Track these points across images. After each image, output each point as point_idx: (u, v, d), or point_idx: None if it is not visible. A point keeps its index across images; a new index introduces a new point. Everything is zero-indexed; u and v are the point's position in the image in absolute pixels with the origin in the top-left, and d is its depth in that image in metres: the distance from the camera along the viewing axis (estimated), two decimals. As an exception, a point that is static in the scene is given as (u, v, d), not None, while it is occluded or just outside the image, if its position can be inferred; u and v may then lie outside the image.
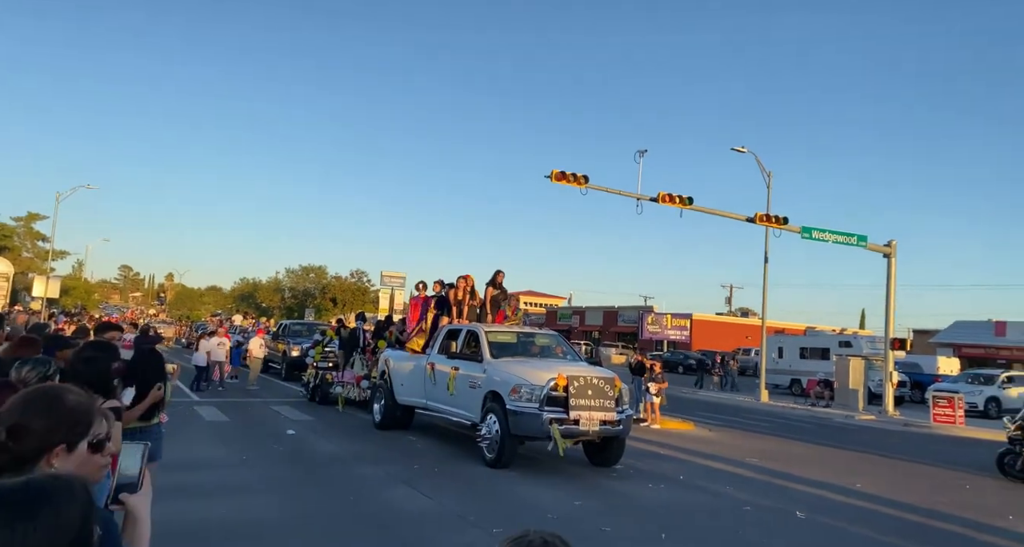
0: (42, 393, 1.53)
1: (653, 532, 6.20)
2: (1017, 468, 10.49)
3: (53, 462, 1.44)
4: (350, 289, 64.05)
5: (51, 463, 1.44)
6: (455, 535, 5.96)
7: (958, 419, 18.38)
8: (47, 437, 1.45)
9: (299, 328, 22.99)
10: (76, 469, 1.46)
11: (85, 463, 1.51)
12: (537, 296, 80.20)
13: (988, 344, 37.98)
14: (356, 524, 6.08)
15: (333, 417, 13.02)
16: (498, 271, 12.00)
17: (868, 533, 6.74)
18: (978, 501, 8.75)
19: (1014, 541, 6.79)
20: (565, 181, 18.96)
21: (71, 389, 1.59)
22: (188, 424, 11.10)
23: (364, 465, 8.67)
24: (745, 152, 25.35)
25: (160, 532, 5.75)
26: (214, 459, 8.63)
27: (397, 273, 45.44)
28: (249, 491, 7.04)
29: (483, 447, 8.95)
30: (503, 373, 9.11)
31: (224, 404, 13.99)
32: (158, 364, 5.05)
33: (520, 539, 1.10)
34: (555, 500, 7.33)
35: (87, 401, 1.56)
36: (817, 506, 7.78)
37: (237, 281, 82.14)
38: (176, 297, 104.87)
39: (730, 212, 21.84)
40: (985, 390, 23.54)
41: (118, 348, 4.79)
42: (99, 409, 1.59)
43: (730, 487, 8.63)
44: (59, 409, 1.49)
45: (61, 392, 1.54)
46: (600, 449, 9.33)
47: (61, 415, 1.48)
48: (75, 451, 1.49)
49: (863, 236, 21.76)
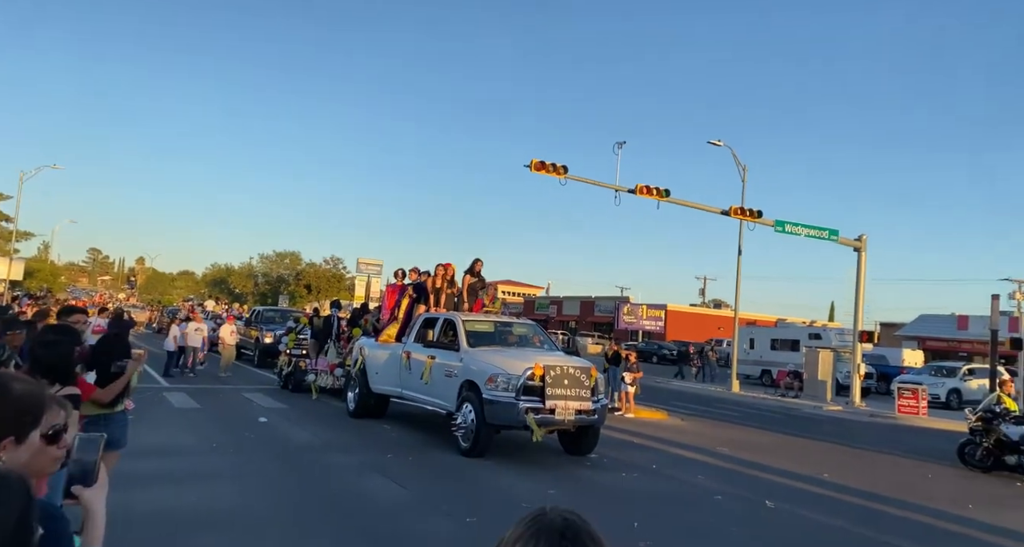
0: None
1: (626, 521, 6.25)
2: (977, 458, 10.81)
3: (1, 455, 1.37)
4: (325, 276, 63.39)
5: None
6: (428, 524, 5.95)
7: (921, 410, 18.89)
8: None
9: (272, 315, 22.69)
10: (28, 461, 1.39)
11: (38, 455, 1.43)
12: (515, 285, 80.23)
13: (951, 337, 39.08)
14: (328, 513, 6.02)
15: (306, 405, 12.90)
16: (476, 260, 11.95)
17: (834, 522, 6.89)
18: (939, 490, 9.00)
19: (973, 529, 7.00)
20: (545, 171, 18.92)
21: (18, 377, 1.51)
22: (157, 410, 10.89)
23: (337, 454, 8.60)
24: (721, 146, 25.55)
25: (128, 519, 5.65)
26: (183, 446, 8.49)
27: (374, 260, 44.97)
28: (219, 479, 6.93)
29: (458, 436, 8.93)
30: (480, 362, 9.08)
31: (194, 391, 13.76)
32: (123, 349, 4.91)
33: (538, 518, 0.99)
34: (529, 489, 7.35)
35: (36, 390, 1.48)
36: (786, 495, 7.93)
37: (209, 266, 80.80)
38: (147, 281, 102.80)
39: (706, 205, 22.03)
40: (947, 382, 24.23)
41: (79, 332, 4.65)
42: (52, 397, 1.51)
43: (701, 476, 8.75)
44: (4, 399, 1.41)
45: (6, 381, 1.46)
46: (575, 438, 9.38)
47: (6, 405, 1.40)
48: (25, 443, 1.41)
49: (834, 230, 22.12)
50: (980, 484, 9.83)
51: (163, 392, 13.33)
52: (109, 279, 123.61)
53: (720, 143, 25.52)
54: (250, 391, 14.32)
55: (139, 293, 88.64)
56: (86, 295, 63.22)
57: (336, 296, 41.41)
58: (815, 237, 21.95)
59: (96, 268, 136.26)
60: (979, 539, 6.66)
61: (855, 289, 22.51)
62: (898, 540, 6.35)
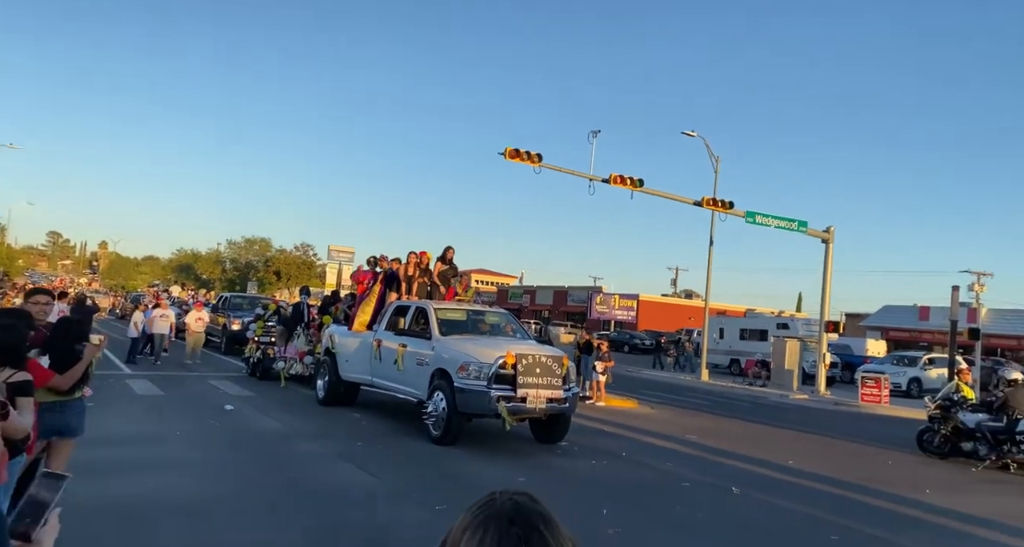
0: None
1: (596, 507, 6.28)
2: (935, 445, 11.14)
3: None
4: (295, 263, 62.48)
5: None
6: (397, 512, 5.89)
7: (883, 398, 19.40)
8: None
9: (240, 301, 22.31)
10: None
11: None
12: (489, 274, 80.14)
13: (913, 328, 40.18)
14: (295, 501, 5.93)
15: (274, 393, 12.70)
16: (448, 247, 11.86)
17: (797, 507, 7.02)
18: (898, 476, 9.25)
19: (930, 513, 7.20)
20: (519, 159, 18.83)
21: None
22: (118, 398, 10.61)
23: (305, 442, 8.48)
24: (695, 136, 25.72)
25: (84, 510, 5.49)
26: (145, 434, 8.28)
27: (346, 247, 44.54)
28: (182, 467, 6.77)
29: (429, 424, 8.88)
30: (452, 351, 9.02)
31: (158, 378, 13.45)
32: (79, 333, 4.74)
33: (488, 504, 0.93)
34: (499, 477, 7.34)
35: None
36: (752, 482, 8.06)
37: (175, 251, 79.03)
38: (110, 266, 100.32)
39: (679, 195, 22.19)
40: (908, 371, 24.92)
41: (31, 315, 4.46)
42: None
43: (670, 463, 8.85)
44: None
45: None
46: (546, 426, 9.40)
47: None
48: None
49: (803, 221, 22.48)
50: (937, 470, 10.13)
51: (125, 379, 13.00)
52: (70, 263, 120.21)
53: (694, 134, 25.69)
54: (217, 379, 14.06)
55: (102, 278, 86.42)
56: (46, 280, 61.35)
57: (307, 283, 40.87)
58: (785, 228, 22.29)
59: (56, 252, 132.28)
60: (936, 523, 6.86)
61: (822, 280, 22.95)
62: (858, 524, 6.50)
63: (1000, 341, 36.82)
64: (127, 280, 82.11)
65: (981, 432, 10.48)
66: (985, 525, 6.85)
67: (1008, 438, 10.10)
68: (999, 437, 10.23)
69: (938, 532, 6.55)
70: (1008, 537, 6.50)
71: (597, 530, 5.63)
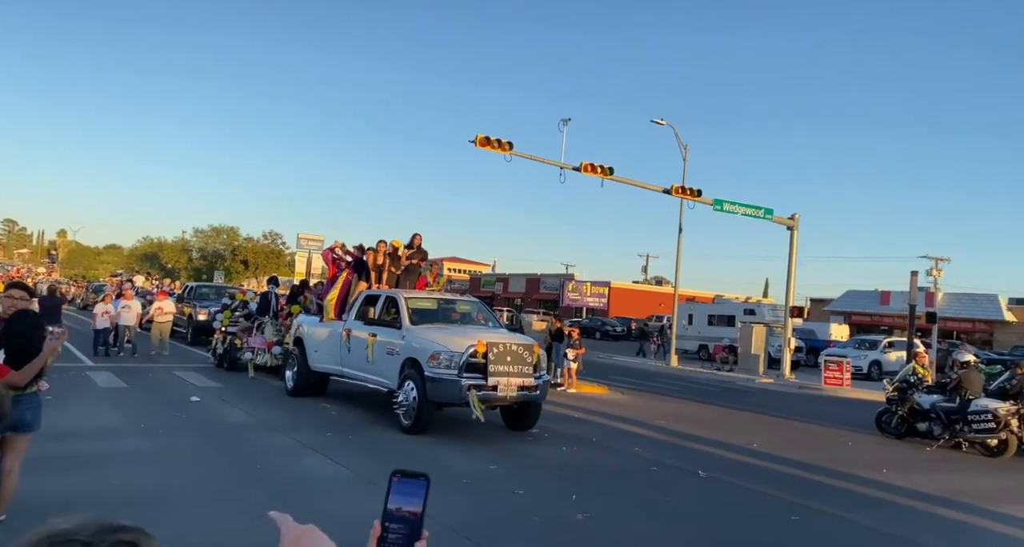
0: None
1: (565, 493, 6.37)
2: (892, 425, 11.53)
3: None
4: (263, 252, 61.53)
5: None
6: (367, 501, 5.87)
7: (845, 381, 19.98)
8: None
9: (207, 291, 21.93)
10: None
11: None
12: (461, 262, 79.92)
13: (874, 312, 41.35)
14: (263, 492, 5.88)
15: (242, 384, 12.53)
16: (415, 234, 11.81)
17: (761, 489, 7.21)
18: (858, 457, 9.56)
19: (887, 492, 7.47)
20: (490, 147, 18.75)
21: None
22: (79, 391, 10.36)
23: (274, 433, 8.40)
24: (664, 125, 25.90)
25: (42, 506, 5.35)
26: (109, 427, 8.10)
27: (315, 236, 43.90)
28: (146, 460, 6.66)
29: (400, 414, 8.87)
30: (422, 340, 9.00)
31: (121, 369, 13.16)
32: (35, 325, 4.60)
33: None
34: (470, 464, 7.38)
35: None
36: (718, 465, 8.25)
37: (139, 240, 77.10)
38: (70, 255, 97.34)
39: (648, 183, 22.36)
40: (869, 354, 25.68)
41: None
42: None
43: (638, 448, 9.00)
44: None
45: None
46: (516, 414, 9.47)
47: None
48: None
49: (769, 209, 22.87)
50: (895, 450, 10.49)
51: (87, 371, 12.70)
52: (27, 252, 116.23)
53: (663, 122, 25.86)
54: (182, 370, 13.81)
55: (61, 268, 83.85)
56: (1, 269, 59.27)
57: (275, 272, 40.29)
58: (751, 216, 22.65)
59: (12, 241, 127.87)
60: (892, 501, 7.11)
61: (787, 266, 23.43)
62: (818, 504, 6.71)
63: (956, 324, 38.14)
64: (88, 270, 79.85)
65: (936, 413, 10.88)
66: (940, 503, 7.13)
67: (960, 418, 10.50)
68: (952, 417, 10.63)
69: (895, 510, 6.79)
70: (962, 513, 6.78)
71: (566, 515, 5.71)
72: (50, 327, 4.87)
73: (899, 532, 5.98)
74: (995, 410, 10.16)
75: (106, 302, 16.39)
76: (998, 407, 10.19)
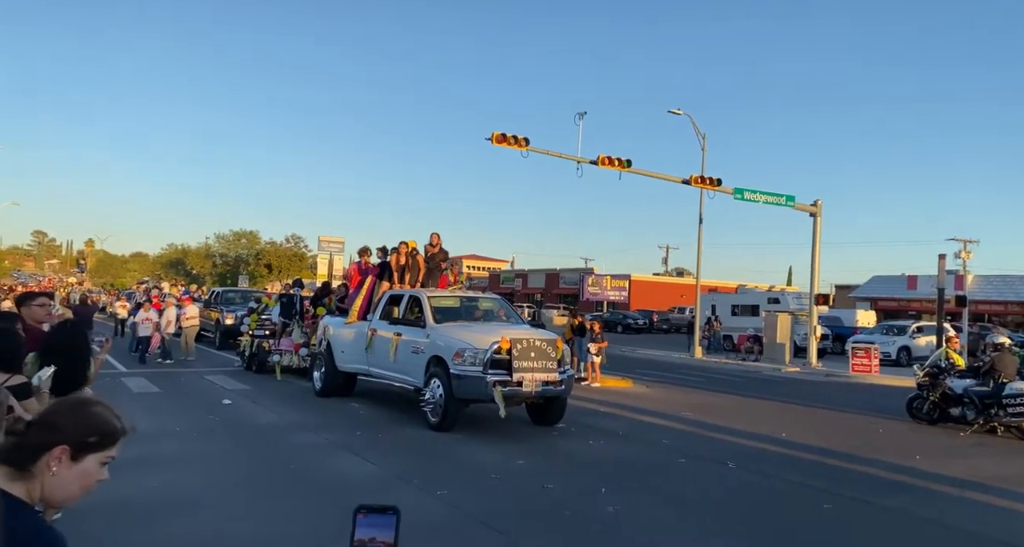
0: None
1: (593, 487, 6.40)
2: (924, 411, 11.35)
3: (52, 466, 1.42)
4: (286, 255, 62.27)
5: None
6: (399, 498, 5.98)
7: (873, 368, 19.70)
8: None
9: (233, 295, 22.30)
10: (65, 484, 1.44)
11: (79, 480, 1.47)
12: (480, 260, 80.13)
13: (901, 297, 40.64)
14: (297, 491, 6.00)
15: (271, 386, 12.75)
16: (433, 234, 11.93)
17: (792, 478, 7.18)
18: (889, 443, 9.44)
19: (920, 478, 7.38)
20: (506, 143, 18.76)
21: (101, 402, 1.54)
22: (115, 396, 10.62)
23: (305, 433, 8.55)
24: (681, 114, 25.68)
25: (85, 510, 5.50)
26: (143, 431, 8.24)
27: (335, 238, 44.25)
28: (183, 463, 6.83)
29: (427, 411, 8.96)
30: (446, 338, 9.08)
31: (153, 375, 13.46)
32: (79, 333, 4.74)
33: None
34: (498, 460, 7.45)
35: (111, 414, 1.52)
36: (747, 455, 8.21)
37: (164, 247, 78.48)
38: (98, 264, 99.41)
39: (667, 174, 22.21)
40: (898, 340, 25.26)
41: (22, 318, 4.47)
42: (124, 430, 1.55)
43: (666, 440, 8.99)
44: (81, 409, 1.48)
45: (88, 399, 1.52)
46: (542, 409, 9.51)
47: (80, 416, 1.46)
48: (79, 463, 1.46)
49: (791, 196, 22.59)
50: (927, 436, 10.34)
51: (120, 377, 13.01)
52: (57, 263, 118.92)
53: (680, 112, 25.64)
54: (212, 374, 14.08)
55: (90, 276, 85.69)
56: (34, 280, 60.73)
57: (298, 275, 40.77)
58: (773, 203, 22.40)
59: (42, 252, 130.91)
60: (926, 487, 7.03)
61: (811, 253, 23.14)
62: (851, 492, 6.66)
63: (987, 307, 37.32)
64: (116, 278, 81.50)
65: (969, 397, 10.69)
66: (974, 488, 7.03)
67: (995, 402, 10.31)
68: (986, 401, 10.44)
69: (928, 496, 6.72)
70: (996, 498, 6.68)
71: (596, 509, 5.74)
72: (94, 338, 5.02)
73: (932, 516, 5.92)
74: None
75: (146, 309, 16.70)
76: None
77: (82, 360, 4.60)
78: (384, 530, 1.03)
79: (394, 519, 1.04)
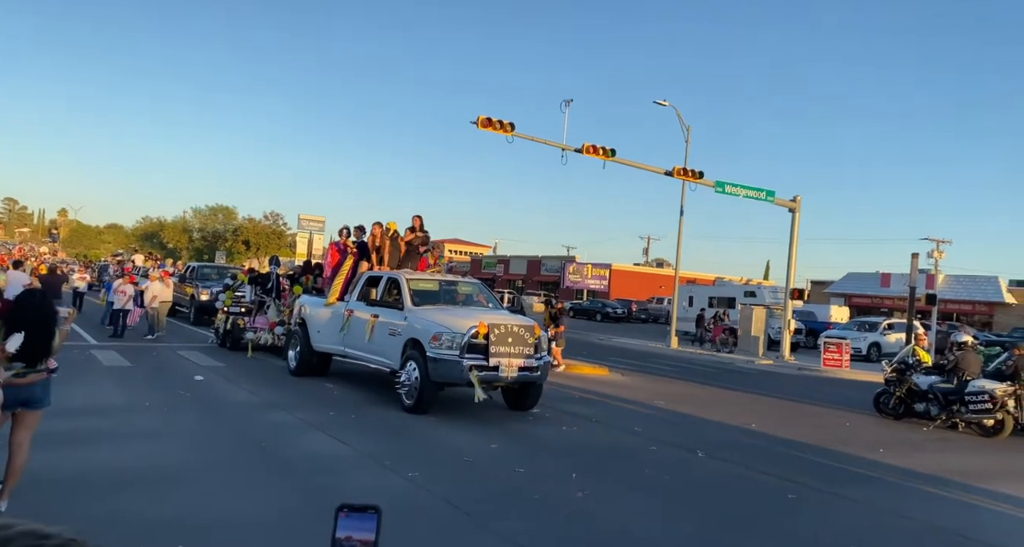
0: None
1: (564, 471, 6.46)
2: (890, 406, 11.62)
3: None
4: (264, 232, 61.52)
5: None
6: (370, 478, 5.98)
7: (844, 363, 20.09)
8: None
9: (209, 271, 22.00)
10: None
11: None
12: (462, 244, 79.90)
13: (875, 294, 41.38)
14: (266, 469, 5.98)
15: (245, 363, 12.63)
16: (415, 216, 11.84)
17: (759, 468, 7.31)
18: (855, 437, 9.66)
19: (883, 471, 7.57)
20: (491, 128, 18.64)
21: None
22: (85, 369, 10.46)
23: (277, 412, 8.50)
24: (667, 106, 25.69)
25: (54, 480, 5.43)
26: (113, 405, 8.20)
27: (316, 217, 43.76)
28: (152, 437, 6.75)
29: (402, 393, 8.95)
30: (424, 321, 9.05)
31: (125, 348, 13.26)
32: (44, 303, 4.65)
33: None
34: (471, 444, 7.48)
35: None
36: (717, 445, 8.34)
37: (140, 219, 77.05)
38: (71, 234, 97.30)
39: (650, 165, 22.26)
40: (869, 336, 25.77)
41: None
42: None
43: (638, 428, 9.09)
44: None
45: None
46: (518, 394, 9.55)
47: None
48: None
49: (771, 191, 22.80)
50: (892, 430, 10.59)
51: (91, 350, 12.80)
52: (28, 231, 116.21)
53: (666, 103, 25.66)
54: (185, 349, 13.91)
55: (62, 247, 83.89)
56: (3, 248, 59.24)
57: (276, 253, 40.32)
58: (753, 198, 22.59)
59: (13, 219, 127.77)
60: (888, 480, 7.21)
61: (788, 248, 23.43)
62: (815, 483, 6.80)
63: (956, 306, 38.18)
64: (89, 249, 79.93)
65: (933, 393, 10.96)
66: (934, 482, 7.23)
67: (957, 399, 10.59)
68: (949, 398, 10.71)
69: (890, 488, 6.89)
70: (955, 492, 6.88)
71: (566, 493, 5.80)
72: (59, 308, 4.93)
73: (892, 508, 6.08)
74: (992, 391, 10.24)
75: (125, 282, 16.37)
76: (995, 388, 10.27)
77: (49, 330, 4.52)
78: (363, 529, 1.02)
79: (375, 518, 1.03)
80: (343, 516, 1.03)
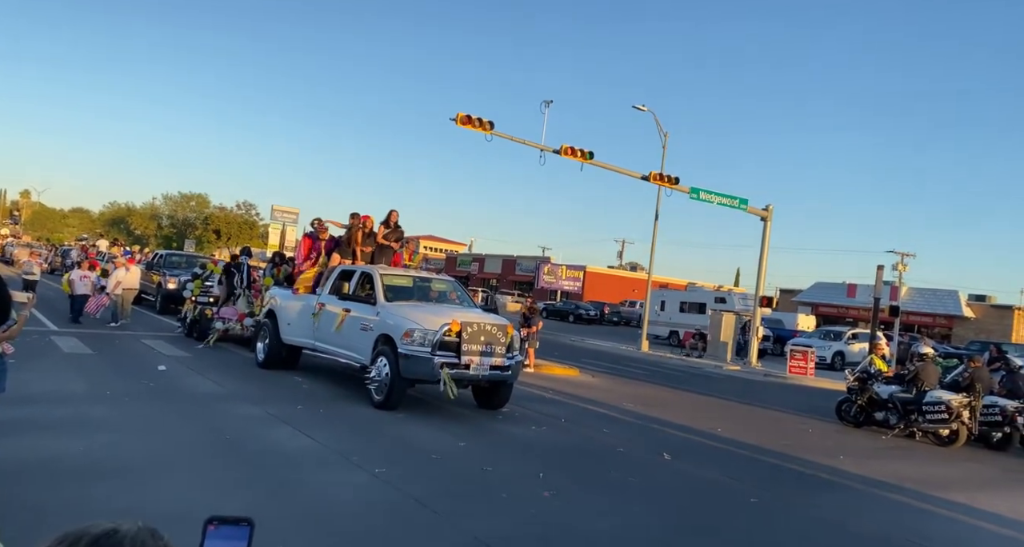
0: None
1: (532, 471, 6.48)
2: (852, 414, 11.90)
3: None
4: (236, 222, 60.51)
5: None
6: (336, 473, 5.93)
7: (809, 371, 20.51)
8: None
9: (177, 259, 21.59)
10: None
11: None
12: (438, 241, 79.64)
13: (841, 304, 42.34)
14: (230, 462, 5.88)
15: (211, 354, 12.40)
16: (391, 211, 11.75)
17: (722, 472, 7.43)
18: (817, 443, 9.87)
19: (842, 477, 7.75)
20: (471, 125, 18.61)
21: None
22: (44, 356, 10.17)
23: (243, 404, 8.36)
24: (645, 111, 25.93)
25: (5, 471, 5.27)
26: (72, 393, 7.98)
27: (290, 208, 43.27)
28: (114, 427, 6.59)
29: (372, 389, 8.89)
30: (396, 317, 9.00)
31: (87, 335, 12.92)
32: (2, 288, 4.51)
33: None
34: (440, 441, 7.46)
35: None
36: (682, 448, 8.45)
37: (107, 204, 75.18)
38: (34, 217, 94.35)
39: (628, 169, 22.45)
40: (834, 345, 26.35)
41: None
42: None
43: (606, 430, 9.16)
44: None
45: None
46: (488, 393, 9.55)
47: None
48: None
49: (744, 199, 23.17)
50: (852, 437, 10.85)
51: (51, 336, 12.45)
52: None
53: (644, 108, 25.90)
54: (150, 338, 13.61)
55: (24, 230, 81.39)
56: (-39, 230, 57.30)
57: (248, 243, 39.68)
58: (727, 205, 22.93)
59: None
60: (847, 486, 7.39)
61: (759, 256, 23.83)
62: (776, 488, 6.94)
63: (918, 318, 39.28)
64: (52, 233, 77.70)
65: (893, 403, 11.26)
66: (890, 489, 7.42)
67: (916, 408, 10.89)
68: (908, 407, 11.02)
69: (848, 494, 7.05)
70: (910, 499, 7.08)
71: (532, 492, 5.82)
72: (17, 293, 4.78)
73: (849, 514, 6.23)
74: (948, 402, 10.55)
75: (84, 268, 15.95)
76: (951, 399, 10.59)
77: (4, 310, 4.38)
78: (234, 543, 0.97)
79: (247, 531, 0.98)
80: (212, 529, 0.98)
